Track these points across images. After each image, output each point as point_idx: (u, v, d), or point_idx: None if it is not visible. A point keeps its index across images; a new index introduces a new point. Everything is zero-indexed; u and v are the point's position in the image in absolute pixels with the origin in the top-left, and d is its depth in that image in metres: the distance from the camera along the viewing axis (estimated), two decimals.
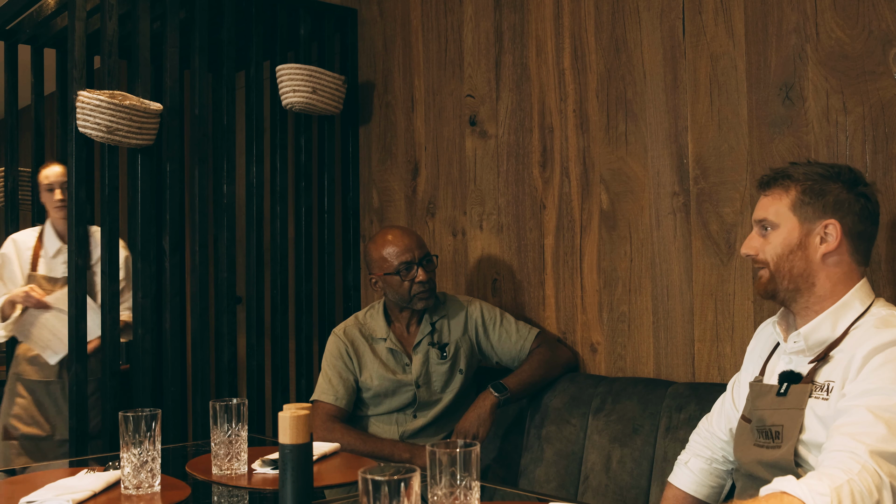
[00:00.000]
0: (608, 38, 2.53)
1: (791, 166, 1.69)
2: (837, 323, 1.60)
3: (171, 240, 2.91)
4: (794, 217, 1.64)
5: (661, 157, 2.39)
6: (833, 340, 1.59)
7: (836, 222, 1.61)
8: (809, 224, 1.63)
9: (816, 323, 1.61)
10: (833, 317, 1.60)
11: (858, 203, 1.64)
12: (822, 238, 1.62)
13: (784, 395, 1.61)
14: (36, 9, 3.29)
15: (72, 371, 2.72)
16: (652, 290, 2.42)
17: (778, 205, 1.66)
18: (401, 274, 2.47)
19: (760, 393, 1.67)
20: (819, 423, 1.54)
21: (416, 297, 2.49)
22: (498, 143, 2.87)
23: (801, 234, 1.63)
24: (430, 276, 2.50)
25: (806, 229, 1.63)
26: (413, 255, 2.48)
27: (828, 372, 1.57)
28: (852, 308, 1.61)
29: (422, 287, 2.47)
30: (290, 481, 1.51)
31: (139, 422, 1.66)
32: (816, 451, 1.54)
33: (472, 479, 1.30)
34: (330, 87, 3.20)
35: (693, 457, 1.90)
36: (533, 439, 2.46)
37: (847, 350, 1.55)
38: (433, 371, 2.53)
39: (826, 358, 1.58)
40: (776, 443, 1.60)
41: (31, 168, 3.53)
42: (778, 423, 1.60)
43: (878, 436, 1.37)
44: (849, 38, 2.02)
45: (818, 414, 1.54)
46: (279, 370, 3.19)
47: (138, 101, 2.73)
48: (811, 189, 1.63)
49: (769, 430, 1.62)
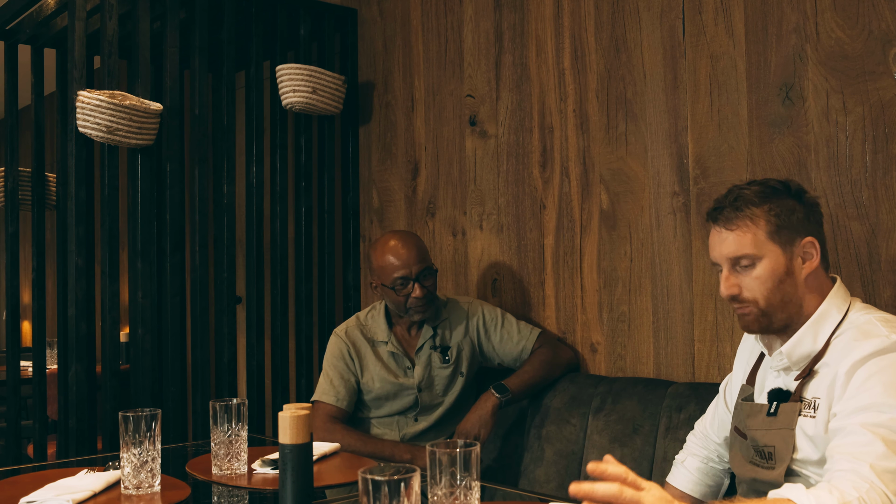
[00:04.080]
0: (608, 38, 2.53)
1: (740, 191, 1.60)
2: (818, 335, 1.57)
3: (171, 240, 2.91)
4: (776, 245, 1.56)
5: (661, 157, 2.39)
6: (816, 353, 1.57)
7: (813, 239, 1.58)
8: (791, 247, 1.57)
9: (797, 338, 1.58)
10: (813, 329, 1.57)
11: (815, 213, 1.61)
12: (803, 258, 1.58)
13: (774, 414, 1.59)
14: (36, 9, 3.29)
15: (72, 371, 2.73)
16: (652, 290, 2.42)
17: (752, 236, 1.56)
18: (396, 289, 2.46)
19: (751, 412, 1.65)
20: (808, 441, 1.53)
21: (411, 309, 2.48)
22: (498, 143, 2.87)
23: (786, 261, 1.57)
24: (426, 290, 2.46)
25: (789, 254, 1.57)
26: (410, 272, 2.44)
27: (814, 388, 1.55)
28: (830, 317, 1.57)
29: (418, 302, 2.46)
30: (290, 481, 1.51)
31: (139, 422, 1.66)
32: (811, 466, 1.54)
33: (472, 479, 1.30)
34: (330, 87, 3.20)
35: (689, 456, 1.91)
36: (533, 439, 2.46)
37: (831, 364, 1.52)
38: (435, 375, 2.52)
39: (812, 373, 1.56)
40: (770, 463, 1.59)
41: (31, 168, 3.52)
42: (770, 443, 1.59)
43: (877, 454, 1.36)
44: (849, 38, 2.02)
45: (807, 433, 1.53)
46: (279, 370, 3.19)
47: (138, 101, 2.73)
48: (780, 210, 1.57)
49: (763, 451, 1.61)
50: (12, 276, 3.43)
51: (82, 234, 2.77)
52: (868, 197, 1.99)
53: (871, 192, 1.98)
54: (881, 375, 1.44)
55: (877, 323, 1.52)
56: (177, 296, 2.91)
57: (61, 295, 3.26)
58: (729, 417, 1.80)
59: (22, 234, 3.54)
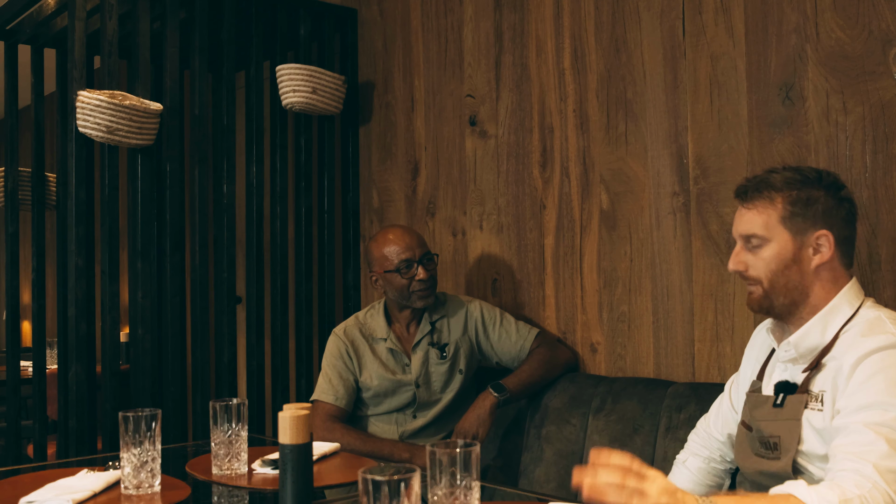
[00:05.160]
0: (608, 38, 2.53)
1: (770, 174, 1.62)
2: (827, 328, 1.57)
3: (171, 240, 2.91)
4: (786, 231, 1.58)
5: (661, 157, 2.39)
6: (824, 346, 1.57)
7: (827, 233, 1.57)
8: (802, 236, 1.57)
9: (806, 329, 1.58)
10: (822, 322, 1.58)
11: (843, 208, 1.60)
12: (815, 249, 1.58)
13: (780, 406, 1.59)
14: (36, 9, 3.29)
15: (72, 371, 2.73)
16: (652, 290, 2.42)
17: (765, 218, 1.59)
18: (401, 272, 2.47)
19: (757, 403, 1.66)
20: (816, 434, 1.53)
21: (415, 294, 2.49)
22: (498, 143, 2.87)
23: (794, 248, 1.58)
24: (430, 274, 2.50)
25: (799, 242, 1.58)
26: (414, 254, 2.49)
27: (821, 381, 1.55)
28: (841, 312, 1.58)
29: (422, 285, 2.48)
30: (290, 481, 1.51)
31: (139, 422, 1.66)
32: (816, 460, 1.53)
33: (472, 479, 1.30)
34: (330, 87, 3.20)
35: (691, 456, 1.91)
36: (533, 439, 2.46)
37: (838, 357, 1.53)
38: (433, 371, 2.53)
39: (819, 366, 1.56)
40: (775, 454, 1.59)
41: (31, 168, 3.52)
42: (775, 434, 1.59)
43: (880, 453, 1.35)
44: (849, 38, 2.02)
45: (815, 426, 1.53)
46: (279, 370, 3.19)
47: (138, 101, 2.73)
48: (798, 198, 1.57)
49: (768, 441, 1.61)
50: (12, 276, 3.43)
51: (82, 234, 2.77)
52: (868, 197, 1.99)
53: (871, 192, 1.98)
54: (885, 373, 1.44)
55: (885, 320, 1.52)
56: (177, 296, 2.91)
57: (61, 295, 3.26)
58: (733, 416, 1.81)
59: (22, 234, 3.54)
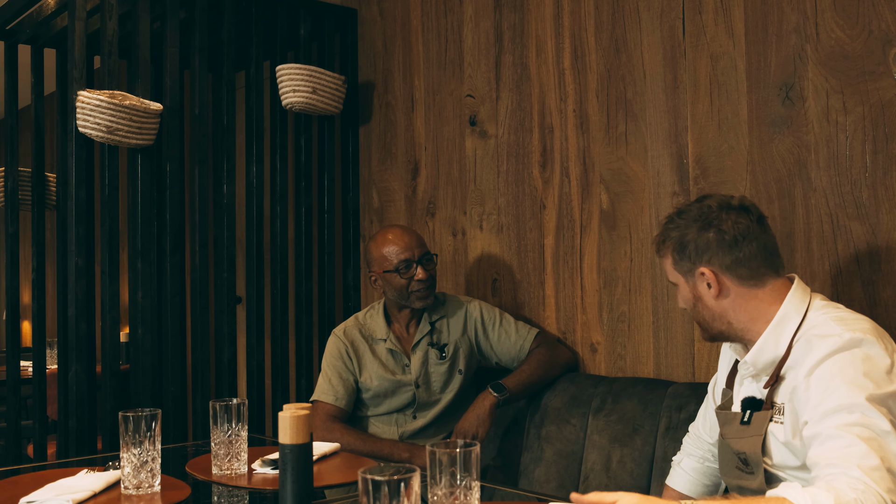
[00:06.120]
0: (608, 38, 2.53)
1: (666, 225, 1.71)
2: (780, 339, 1.60)
3: (171, 240, 2.91)
4: (680, 275, 1.70)
5: (661, 157, 2.39)
6: (781, 357, 1.59)
7: (705, 269, 1.64)
8: (691, 277, 1.67)
9: (759, 346, 1.62)
10: (774, 334, 1.61)
11: (714, 237, 1.62)
12: (708, 285, 1.64)
13: (748, 423, 1.63)
14: (36, 9, 3.29)
15: (72, 371, 2.73)
16: (652, 290, 2.42)
17: (667, 267, 1.72)
18: (400, 272, 2.47)
19: (727, 420, 1.69)
20: (781, 447, 1.56)
21: (414, 294, 2.49)
22: (498, 143, 2.87)
23: (691, 289, 1.68)
24: (429, 274, 2.50)
25: (692, 283, 1.67)
26: (413, 254, 2.49)
27: (782, 393, 1.59)
28: (790, 320, 1.60)
29: (421, 285, 2.48)
30: (290, 481, 1.51)
31: (139, 422, 1.66)
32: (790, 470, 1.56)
33: (472, 479, 1.30)
34: (330, 87, 3.20)
35: (686, 457, 1.93)
36: (533, 439, 2.46)
37: (795, 367, 1.55)
38: (432, 371, 2.53)
39: (780, 379, 1.60)
40: (749, 469, 1.62)
41: (32, 168, 3.52)
42: (742, 450, 1.62)
43: (860, 454, 1.36)
44: (849, 38, 2.02)
45: (779, 439, 1.57)
46: (279, 370, 3.19)
47: (138, 101, 2.73)
48: (676, 245, 1.67)
49: (739, 457, 1.64)
50: (12, 276, 3.42)
51: (82, 234, 2.77)
52: (868, 197, 1.99)
53: (871, 192, 1.98)
54: (841, 375, 1.45)
55: (831, 323, 1.54)
56: (177, 296, 2.91)
57: (61, 295, 3.26)
58: None
59: (22, 234, 3.54)
